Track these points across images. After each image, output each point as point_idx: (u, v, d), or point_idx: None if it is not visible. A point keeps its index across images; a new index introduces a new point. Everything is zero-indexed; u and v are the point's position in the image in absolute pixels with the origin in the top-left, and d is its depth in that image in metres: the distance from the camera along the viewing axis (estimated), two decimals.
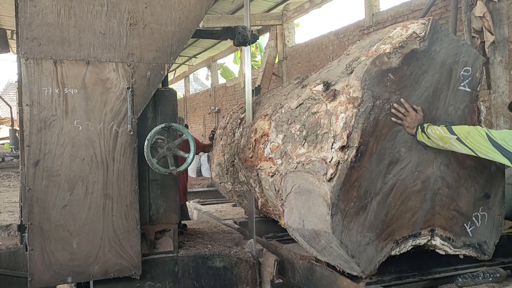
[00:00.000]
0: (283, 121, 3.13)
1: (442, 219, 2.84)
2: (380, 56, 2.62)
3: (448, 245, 2.88)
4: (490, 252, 2.98)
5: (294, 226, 2.88)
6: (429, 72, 2.74)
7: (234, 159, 3.80)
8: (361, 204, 2.60)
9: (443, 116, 2.81)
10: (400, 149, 2.70)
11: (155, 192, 3.13)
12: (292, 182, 2.84)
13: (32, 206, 2.75)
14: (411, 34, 2.72)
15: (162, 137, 3.03)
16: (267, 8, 13.61)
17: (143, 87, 2.96)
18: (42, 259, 2.76)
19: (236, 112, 4.30)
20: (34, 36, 2.75)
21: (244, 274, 3.29)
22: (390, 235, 2.72)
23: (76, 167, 2.83)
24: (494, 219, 2.98)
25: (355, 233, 2.59)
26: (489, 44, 6.90)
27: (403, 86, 2.69)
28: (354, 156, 2.53)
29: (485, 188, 2.95)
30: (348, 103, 2.58)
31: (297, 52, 12.99)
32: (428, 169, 2.79)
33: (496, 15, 6.93)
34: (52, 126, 2.78)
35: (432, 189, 2.80)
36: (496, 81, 7.05)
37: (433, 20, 2.77)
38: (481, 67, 2.91)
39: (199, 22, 3.13)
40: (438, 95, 2.79)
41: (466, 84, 2.85)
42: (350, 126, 2.54)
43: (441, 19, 8.01)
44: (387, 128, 2.65)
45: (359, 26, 10.26)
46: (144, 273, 3.01)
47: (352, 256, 2.59)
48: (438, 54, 2.76)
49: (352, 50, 3.17)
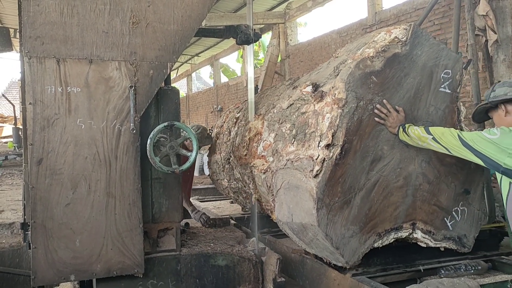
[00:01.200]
0: (275, 120, 3.27)
1: (423, 213, 2.99)
2: (364, 60, 2.78)
3: (429, 238, 3.02)
4: (469, 245, 3.11)
5: (284, 220, 3.03)
6: (411, 75, 2.89)
7: (229, 157, 3.91)
8: (345, 199, 2.75)
9: (424, 116, 2.94)
10: (383, 147, 2.85)
11: (157, 190, 3.14)
12: (282, 178, 2.98)
13: (35, 204, 2.76)
14: (394, 39, 2.86)
15: (165, 135, 3.03)
16: (269, 6, 13.60)
17: (146, 85, 2.96)
18: (45, 257, 2.77)
19: (232, 111, 4.42)
20: (37, 35, 2.75)
21: (247, 272, 3.29)
22: (373, 228, 2.86)
23: (79, 166, 2.83)
24: (473, 214, 3.12)
25: (339, 226, 2.74)
26: (492, 43, 6.88)
27: (386, 87, 2.83)
28: (339, 153, 2.68)
29: (465, 184, 3.08)
30: (334, 103, 2.74)
31: (300, 50, 12.98)
32: (409, 166, 2.94)
33: (499, 13, 6.91)
34: (55, 124, 2.79)
35: (413, 185, 2.95)
36: (499, 80, 7.03)
37: (415, 25, 2.90)
38: (461, 69, 3.02)
39: (201, 21, 3.13)
40: (419, 96, 2.94)
41: (447, 85, 2.99)
42: (335, 125, 2.70)
43: (444, 18, 7.99)
44: (370, 127, 2.80)
45: (362, 25, 10.24)
46: (146, 271, 3.02)
47: (336, 247, 2.74)
48: (419, 57, 2.90)
49: (340, 53, 3.30)
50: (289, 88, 3.50)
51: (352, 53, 3.00)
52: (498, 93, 2.58)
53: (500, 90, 2.58)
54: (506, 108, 2.57)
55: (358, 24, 10.42)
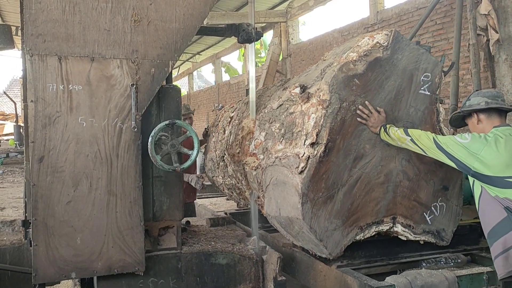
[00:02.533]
0: (265, 120, 3.41)
1: (403, 208, 3.14)
2: (347, 64, 2.93)
3: (409, 231, 3.18)
4: (448, 239, 3.27)
5: (272, 214, 3.19)
6: (392, 78, 3.04)
7: (224, 154, 4.05)
8: (328, 194, 2.90)
9: (404, 117, 3.10)
10: (365, 145, 3.01)
11: (158, 189, 3.14)
12: (271, 175, 3.14)
13: (36, 202, 2.76)
14: (376, 44, 3.01)
15: (166, 134, 3.03)
16: (271, 5, 13.60)
17: (147, 84, 2.96)
18: (46, 254, 2.78)
19: (227, 111, 4.56)
20: (39, 33, 2.76)
21: (247, 271, 3.29)
22: (355, 222, 3.02)
23: (80, 164, 2.84)
24: (452, 209, 3.28)
25: (323, 219, 2.90)
26: (494, 42, 6.87)
27: (368, 90, 2.98)
28: (323, 151, 2.83)
29: (444, 181, 3.23)
30: (318, 104, 2.89)
31: (301, 49, 12.98)
32: (390, 164, 3.09)
33: (501, 13, 6.90)
34: (56, 122, 2.79)
35: (394, 182, 3.11)
36: (501, 80, 7.02)
37: (395, 31, 3.06)
38: (440, 73, 3.18)
39: (203, 19, 3.13)
40: (400, 98, 3.09)
41: (426, 88, 3.14)
42: (319, 125, 2.84)
43: (446, 17, 7.98)
44: (353, 127, 2.95)
45: (364, 24, 10.24)
46: (147, 269, 3.02)
47: (320, 240, 2.90)
48: (400, 61, 3.05)
49: (328, 56, 3.45)
50: (279, 89, 3.62)
51: (338, 56, 3.13)
52: (473, 102, 2.80)
53: (474, 99, 2.80)
54: (478, 116, 2.78)
55: (360, 23, 10.41)
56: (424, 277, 2.79)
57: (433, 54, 8.25)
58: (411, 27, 8.58)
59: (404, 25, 9.06)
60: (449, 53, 7.69)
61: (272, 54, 13.39)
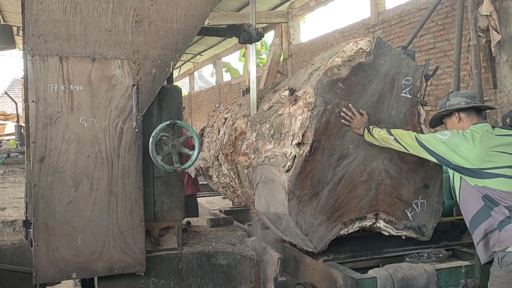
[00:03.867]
0: (256, 121, 3.57)
1: (385, 205, 3.29)
2: (331, 68, 3.09)
3: (391, 227, 3.31)
4: (428, 234, 3.40)
5: (262, 210, 3.33)
6: (374, 81, 3.19)
7: (218, 154, 4.20)
8: (314, 191, 3.04)
9: (387, 119, 3.25)
10: (349, 145, 3.15)
11: (159, 189, 3.14)
12: (260, 173, 3.29)
13: (37, 202, 2.76)
14: (359, 49, 3.16)
15: (167, 134, 3.04)
16: (272, 6, 13.60)
17: (148, 84, 2.96)
18: (47, 255, 2.78)
19: (222, 112, 4.75)
20: (40, 33, 2.76)
21: (248, 271, 3.30)
22: (339, 217, 3.17)
23: (81, 164, 2.84)
24: (432, 206, 3.41)
25: (308, 215, 3.04)
26: (495, 43, 6.87)
27: (351, 93, 3.13)
28: (308, 151, 2.98)
29: (425, 180, 3.37)
30: (304, 107, 3.04)
31: (302, 50, 12.98)
32: (373, 163, 3.23)
33: (502, 14, 6.90)
34: (57, 122, 2.79)
35: (376, 180, 3.25)
36: (502, 80, 7.02)
37: (378, 38, 3.22)
38: (420, 77, 3.33)
39: (204, 20, 3.13)
40: (382, 100, 3.24)
41: (407, 91, 3.29)
42: (305, 126, 2.99)
43: (447, 18, 7.98)
44: (337, 128, 3.10)
45: (365, 25, 10.23)
46: (148, 270, 3.02)
47: (306, 234, 3.04)
48: (382, 66, 3.20)
49: (316, 61, 3.60)
50: (270, 92, 3.80)
51: (325, 61, 3.28)
52: (453, 102, 2.95)
53: (454, 99, 2.96)
54: (459, 115, 2.93)
55: (361, 24, 10.41)
56: (404, 270, 2.94)
57: (434, 55, 8.27)
58: (412, 27, 8.57)
59: (405, 26, 9.05)
60: (450, 54, 7.69)
61: (273, 54, 13.39)
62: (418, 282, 2.90)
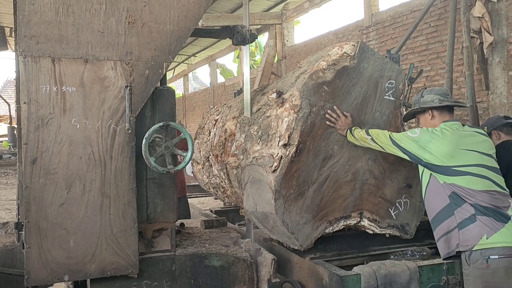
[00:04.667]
0: (245, 123, 3.65)
1: (369, 204, 3.38)
2: (316, 72, 3.19)
3: (375, 225, 3.40)
4: (412, 232, 3.51)
5: (250, 209, 3.41)
6: (358, 84, 3.29)
7: (209, 155, 4.31)
8: (299, 191, 3.13)
9: (370, 120, 3.35)
10: (333, 146, 3.24)
11: (152, 190, 3.13)
12: (249, 173, 3.38)
13: (29, 204, 2.75)
14: (343, 53, 3.25)
15: (160, 135, 3.03)
16: (266, 7, 13.62)
17: (142, 85, 2.95)
18: (39, 257, 2.76)
19: (212, 114, 4.85)
20: (32, 34, 2.74)
21: (241, 273, 3.29)
22: (324, 216, 3.26)
23: (74, 165, 2.82)
24: (415, 205, 3.51)
25: (294, 214, 3.12)
26: (487, 45, 6.92)
27: (336, 95, 3.23)
28: (294, 152, 3.06)
29: (408, 179, 3.46)
30: (291, 109, 3.13)
31: (296, 51, 13.00)
32: (357, 163, 3.32)
33: (495, 16, 6.95)
34: (49, 124, 2.78)
35: (361, 180, 3.34)
36: (494, 82, 7.07)
37: (362, 42, 3.32)
38: (403, 80, 3.44)
39: (198, 21, 3.13)
40: (366, 103, 3.33)
41: (390, 94, 3.39)
42: (291, 128, 3.08)
43: (440, 20, 8.02)
44: (322, 130, 3.19)
45: (358, 26, 10.27)
46: (141, 272, 3.01)
47: (292, 232, 3.13)
48: (366, 69, 3.29)
49: (303, 64, 3.70)
50: (259, 94, 3.86)
51: (311, 64, 3.37)
52: (426, 99, 3.02)
53: (428, 96, 3.02)
54: (432, 113, 3.02)
55: (355, 25, 10.45)
56: (387, 267, 3.03)
57: (426, 56, 8.31)
58: (405, 29, 8.61)
59: (399, 28, 9.09)
60: (443, 56, 7.73)
61: (267, 56, 13.40)
62: (400, 279, 2.99)
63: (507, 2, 6.85)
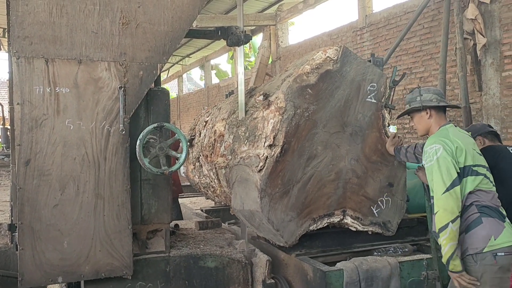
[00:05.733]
0: (233, 124, 3.76)
1: (352, 202, 3.47)
2: (301, 75, 3.28)
3: (357, 223, 3.49)
4: (393, 229, 3.62)
5: (238, 208, 3.48)
6: (341, 87, 3.37)
7: (199, 155, 4.41)
8: (284, 190, 3.21)
9: (353, 122, 3.44)
10: (317, 147, 3.33)
11: (147, 192, 3.13)
12: (236, 173, 3.47)
13: (22, 205, 2.74)
14: (326, 58, 3.35)
15: (154, 136, 3.02)
16: (260, 8, 13.62)
17: (136, 86, 2.95)
18: (33, 258, 2.75)
19: (203, 115, 4.99)
20: (25, 35, 2.74)
21: (236, 274, 3.29)
22: (308, 214, 3.34)
23: (68, 167, 2.82)
24: (397, 203, 3.62)
25: (279, 212, 3.21)
26: (481, 46, 6.96)
27: (320, 98, 3.31)
28: (279, 152, 3.15)
29: (389, 178, 3.57)
30: (276, 111, 3.23)
31: (291, 52, 13.02)
32: (340, 163, 3.42)
33: (488, 17, 6.99)
34: (43, 125, 2.77)
35: (344, 179, 3.43)
36: (487, 83, 7.11)
37: (344, 47, 3.41)
38: (384, 83, 3.53)
39: (192, 22, 3.13)
40: (349, 105, 3.42)
41: (372, 96, 3.49)
42: (276, 129, 3.18)
43: (433, 21, 8.06)
44: (306, 131, 3.27)
45: (352, 27, 10.30)
46: (135, 273, 3.00)
47: (277, 230, 3.21)
48: (348, 73, 3.39)
49: (289, 67, 3.78)
50: (247, 96, 3.94)
51: (297, 67, 3.45)
52: (425, 98, 2.99)
53: (426, 95, 3.00)
54: (430, 112, 2.98)
55: (349, 26, 10.47)
56: (369, 262, 3.15)
57: (420, 57, 8.35)
58: (399, 30, 8.65)
59: (392, 29, 9.13)
60: (437, 57, 7.77)
61: (262, 57, 13.40)
62: (381, 274, 3.11)
63: (500, 4, 6.89)
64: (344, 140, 3.40)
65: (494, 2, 6.92)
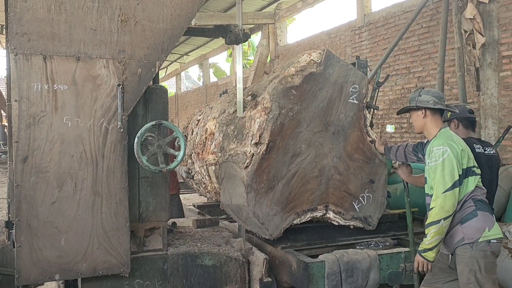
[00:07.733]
0: (223, 123, 3.93)
1: (334, 198, 3.64)
2: (286, 77, 3.46)
3: (339, 217, 3.65)
4: (374, 224, 3.78)
5: (226, 203, 3.66)
6: (324, 89, 3.55)
7: (191, 153, 4.58)
8: (270, 185, 3.38)
9: (336, 122, 3.61)
10: (301, 145, 3.49)
11: (145, 189, 3.12)
12: (225, 170, 3.64)
13: (20, 202, 2.73)
14: (310, 61, 3.51)
15: (153, 134, 3.02)
16: (259, 7, 13.60)
17: (134, 84, 2.94)
18: (30, 256, 2.75)
19: (195, 114, 5.21)
20: (24, 31, 2.73)
21: (233, 272, 3.29)
22: (292, 208, 3.49)
23: (65, 164, 2.81)
24: (377, 199, 3.78)
25: (265, 206, 3.36)
26: (479, 46, 6.96)
27: (304, 99, 3.48)
28: (265, 150, 3.31)
29: (370, 175, 3.74)
30: (262, 111, 3.40)
31: (289, 51, 13.01)
32: (323, 161, 3.58)
33: (486, 17, 6.99)
34: (41, 122, 2.76)
35: (327, 176, 3.59)
36: (485, 83, 7.11)
37: (327, 50, 3.58)
38: (366, 85, 3.70)
39: (191, 20, 3.12)
40: (331, 106, 3.59)
41: (354, 97, 3.66)
42: (262, 128, 3.35)
43: (432, 20, 8.06)
44: (290, 130, 3.44)
45: (351, 27, 10.30)
46: (133, 271, 3.00)
47: (262, 223, 3.36)
48: (331, 75, 3.57)
49: (277, 69, 3.98)
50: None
51: (284, 69, 3.61)
52: (423, 98, 3.12)
53: (424, 96, 3.12)
54: (425, 112, 3.11)
55: (347, 26, 10.47)
56: (350, 255, 3.33)
57: (418, 57, 8.35)
58: (397, 30, 8.65)
59: (391, 28, 9.13)
60: (435, 56, 7.78)
61: (260, 55, 13.39)
62: (361, 265, 3.29)
63: (499, 3, 6.89)
64: (327, 138, 3.56)
65: (493, 2, 6.92)
